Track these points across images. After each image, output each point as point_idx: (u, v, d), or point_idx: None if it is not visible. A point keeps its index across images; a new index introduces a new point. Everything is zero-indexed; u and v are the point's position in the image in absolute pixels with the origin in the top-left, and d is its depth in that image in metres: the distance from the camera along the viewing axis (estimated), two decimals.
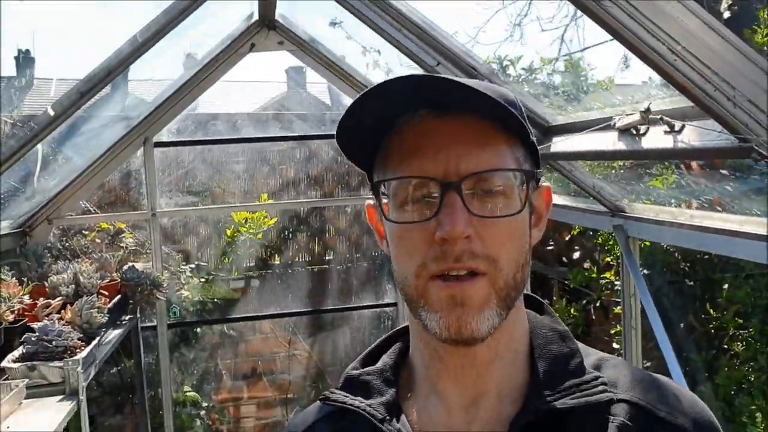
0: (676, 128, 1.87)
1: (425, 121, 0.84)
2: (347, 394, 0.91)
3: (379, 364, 0.95)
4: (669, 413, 0.84)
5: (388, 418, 0.86)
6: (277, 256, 4.96)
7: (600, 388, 0.83)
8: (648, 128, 2.02)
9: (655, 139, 1.98)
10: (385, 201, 0.87)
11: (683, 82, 1.53)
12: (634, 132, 2.07)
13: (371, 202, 0.94)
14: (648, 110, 1.90)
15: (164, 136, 4.04)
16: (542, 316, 0.95)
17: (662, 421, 0.83)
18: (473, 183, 0.82)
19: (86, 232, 4.14)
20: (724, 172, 2.33)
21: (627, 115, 2.08)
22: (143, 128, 3.73)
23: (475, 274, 0.81)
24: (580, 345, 0.93)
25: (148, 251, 4.10)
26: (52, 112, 2.87)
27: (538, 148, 0.93)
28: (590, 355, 0.92)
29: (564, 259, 5.42)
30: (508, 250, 0.82)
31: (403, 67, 3.09)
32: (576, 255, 5.34)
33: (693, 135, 1.83)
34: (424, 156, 0.82)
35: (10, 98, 3.51)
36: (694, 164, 2.67)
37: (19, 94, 3.75)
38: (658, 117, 1.92)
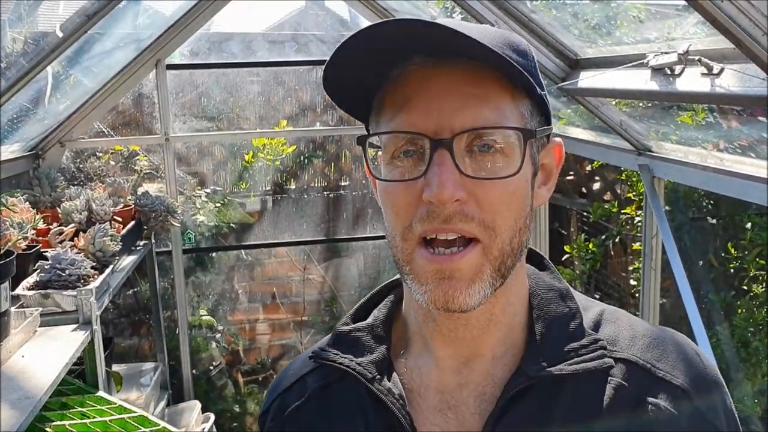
0: (715, 71, 1.75)
1: (420, 70, 0.76)
2: (337, 352, 0.88)
3: (369, 320, 0.91)
4: (668, 372, 0.80)
5: (378, 377, 0.83)
6: (292, 180, 4.91)
7: (599, 353, 0.80)
8: (684, 69, 1.89)
9: (691, 81, 1.86)
10: (376, 159, 0.81)
11: (729, 25, 1.41)
12: (669, 72, 1.95)
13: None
14: (687, 52, 1.77)
15: (177, 58, 3.93)
16: (542, 272, 0.90)
17: (661, 380, 0.80)
18: (467, 140, 0.74)
19: (100, 154, 4.10)
20: (762, 119, 2.21)
21: (662, 53, 1.95)
22: (155, 49, 3.62)
23: (466, 243, 0.75)
24: (581, 298, 0.89)
25: (162, 175, 4.07)
26: (60, 34, 2.77)
27: (564, 83, 0.85)
28: (590, 309, 0.87)
29: (584, 190, 5.33)
30: (505, 215, 0.76)
31: None
32: (596, 186, 5.25)
33: (732, 80, 1.71)
34: (414, 109, 0.75)
35: (21, 14, 3.39)
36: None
37: (29, 9, 3.62)
38: (696, 58, 1.80)
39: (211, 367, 4.59)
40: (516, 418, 0.78)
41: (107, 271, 2.66)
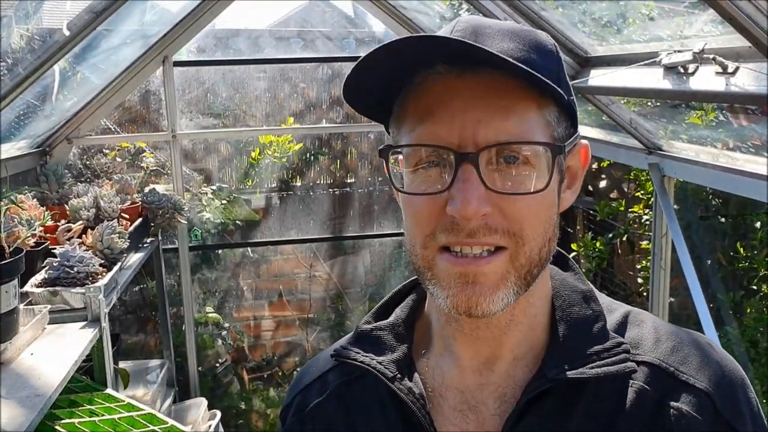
0: (730, 70, 1.73)
1: (443, 80, 0.75)
2: (359, 350, 0.88)
3: (391, 318, 0.91)
4: (692, 376, 0.79)
5: (399, 376, 0.83)
6: (298, 178, 4.91)
7: (621, 356, 0.78)
8: (698, 67, 1.88)
9: (705, 79, 1.85)
10: (397, 165, 0.80)
11: (746, 23, 1.39)
12: (682, 70, 1.93)
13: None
14: (702, 51, 1.75)
15: (183, 54, 3.92)
16: (566, 273, 0.89)
17: (684, 384, 0.78)
18: (493, 154, 0.73)
19: (107, 151, 4.10)
20: None
21: (676, 51, 1.94)
22: (162, 46, 3.61)
23: (492, 251, 0.74)
24: (606, 300, 0.88)
25: (169, 172, 4.07)
26: (67, 32, 2.76)
27: (575, 81, 0.83)
28: (614, 311, 0.86)
29: (590, 188, 5.31)
30: (534, 225, 0.75)
31: None
32: (602, 184, 5.22)
33: (748, 78, 1.69)
34: (438, 120, 0.74)
35: (27, 11, 3.38)
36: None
37: (36, 6, 3.61)
38: (711, 57, 1.78)
39: (217, 364, 4.59)
40: (535, 421, 0.77)
41: (115, 268, 2.65)
